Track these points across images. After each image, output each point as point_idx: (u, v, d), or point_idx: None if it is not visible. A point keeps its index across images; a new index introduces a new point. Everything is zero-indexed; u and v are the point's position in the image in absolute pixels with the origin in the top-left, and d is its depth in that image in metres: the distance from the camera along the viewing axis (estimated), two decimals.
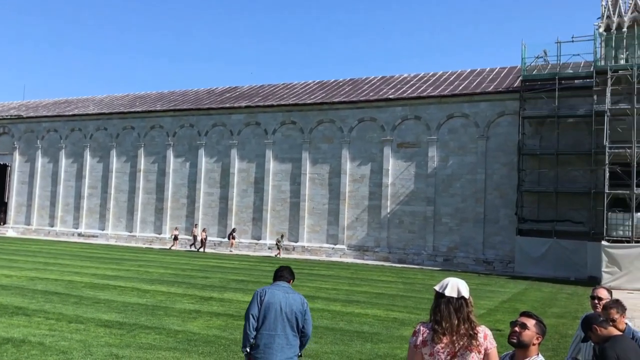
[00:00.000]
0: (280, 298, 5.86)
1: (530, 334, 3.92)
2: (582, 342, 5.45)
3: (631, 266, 24.84)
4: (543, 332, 3.99)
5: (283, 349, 5.79)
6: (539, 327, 3.96)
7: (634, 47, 28.50)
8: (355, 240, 35.87)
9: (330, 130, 37.40)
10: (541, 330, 3.97)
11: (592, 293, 6.02)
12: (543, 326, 4.00)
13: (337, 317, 13.97)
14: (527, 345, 3.93)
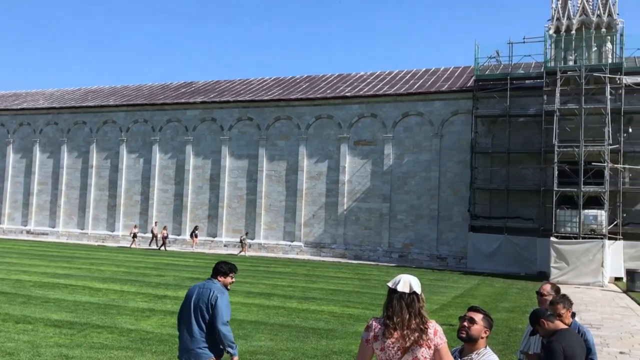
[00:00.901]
0: (195, 291, 6.02)
1: (478, 329, 4.02)
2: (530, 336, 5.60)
3: (578, 262, 25.68)
4: (491, 326, 4.10)
5: (186, 341, 5.90)
6: (486, 321, 4.06)
7: (582, 49, 29.44)
8: (312, 237, 35.95)
9: (287, 127, 37.34)
10: (489, 324, 4.08)
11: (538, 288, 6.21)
12: (490, 320, 4.11)
13: (292, 314, 13.99)
14: (475, 340, 4.03)
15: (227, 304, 5.92)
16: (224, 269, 6.12)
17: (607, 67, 28.12)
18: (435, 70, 38.87)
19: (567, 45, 29.97)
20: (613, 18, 29.16)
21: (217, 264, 6.23)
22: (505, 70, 32.35)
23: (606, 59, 29.21)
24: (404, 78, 38.21)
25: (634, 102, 28.78)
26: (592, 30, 29.27)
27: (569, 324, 5.24)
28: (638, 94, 28.78)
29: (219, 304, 5.85)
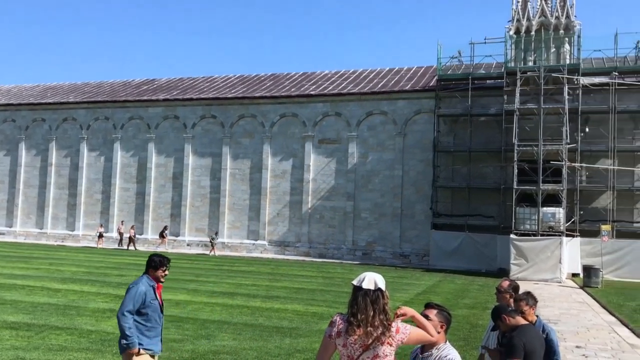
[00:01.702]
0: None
1: (433, 324, 4.07)
2: (491, 331, 5.68)
3: (537, 258, 26.28)
4: (447, 320, 4.16)
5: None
6: (440, 315, 4.13)
7: (541, 50, 30.11)
8: (276, 236, 35.88)
9: (252, 125, 37.16)
10: (444, 318, 4.15)
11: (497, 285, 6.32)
12: (446, 314, 4.17)
13: (256, 313, 13.95)
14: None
15: (134, 295, 5.92)
16: (155, 262, 6.13)
17: (565, 67, 28.84)
18: (398, 70, 39.21)
19: (527, 46, 30.60)
20: (571, 20, 29.90)
21: (149, 257, 6.25)
22: (467, 70, 32.85)
23: (564, 60, 29.94)
24: (368, 77, 38.44)
25: (590, 102, 29.58)
26: (551, 32, 29.96)
27: (533, 321, 5.33)
28: (595, 95, 29.58)
29: (126, 294, 5.96)
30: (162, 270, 6.12)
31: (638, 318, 15.67)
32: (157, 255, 6.24)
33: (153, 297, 6.02)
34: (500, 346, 5.05)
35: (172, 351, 9.73)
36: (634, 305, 18.38)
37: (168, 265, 6.21)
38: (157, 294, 6.09)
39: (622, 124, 29.21)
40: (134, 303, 5.89)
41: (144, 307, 5.94)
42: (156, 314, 6.03)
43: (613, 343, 12.11)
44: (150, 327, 6.01)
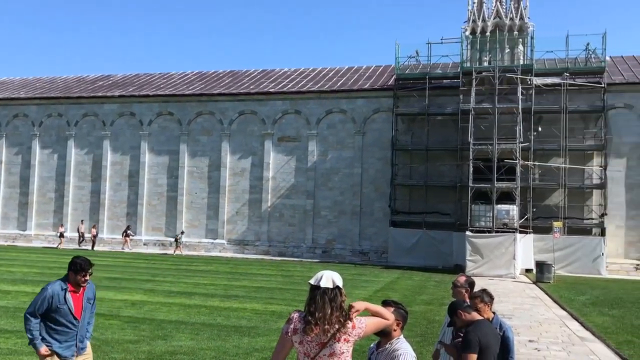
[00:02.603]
0: None
1: (390, 323, 4.12)
2: (448, 327, 5.75)
3: (491, 254, 26.85)
4: (403, 317, 4.21)
5: None
6: (397, 313, 4.18)
7: (495, 51, 30.76)
8: (235, 235, 35.64)
9: (210, 122, 36.79)
10: (400, 315, 4.19)
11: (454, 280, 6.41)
12: (403, 311, 4.22)
13: (214, 312, 13.84)
14: (388, 333, 4.14)
15: (38, 298, 5.80)
16: (76, 265, 5.90)
17: (518, 68, 29.55)
18: (357, 69, 39.43)
19: (482, 46, 31.20)
20: (524, 21, 30.64)
21: (72, 259, 6.02)
22: (424, 69, 33.27)
23: (518, 60, 30.66)
24: (327, 75, 38.53)
25: (543, 102, 30.37)
26: (506, 33, 30.64)
27: (490, 318, 5.41)
28: (547, 95, 30.39)
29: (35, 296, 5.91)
30: (82, 275, 5.86)
31: (588, 312, 16.18)
32: (79, 257, 5.98)
33: (62, 301, 5.79)
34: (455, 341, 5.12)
35: (128, 352, 9.56)
36: (583, 299, 18.97)
37: (90, 270, 5.94)
38: (68, 299, 5.83)
39: (573, 124, 30.09)
40: (37, 306, 5.75)
41: (51, 311, 5.76)
42: (66, 319, 5.81)
43: (564, 336, 12.47)
44: (60, 331, 5.82)
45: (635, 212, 29.65)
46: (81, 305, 5.96)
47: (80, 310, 5.95)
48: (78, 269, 5.87)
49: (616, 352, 10.99)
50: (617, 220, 29.71)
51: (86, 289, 6.02)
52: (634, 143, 30.02)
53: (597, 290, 21.63)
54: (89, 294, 6.06)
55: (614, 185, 29.87)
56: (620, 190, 29.92)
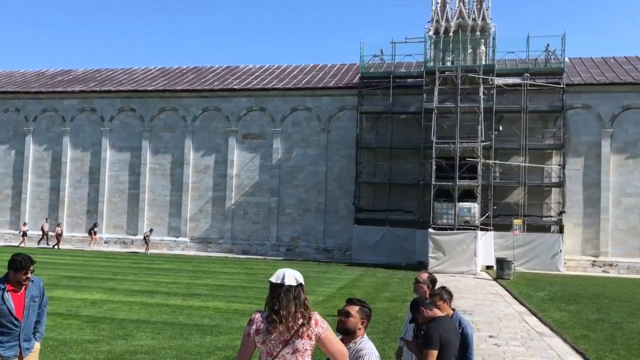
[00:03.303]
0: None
1: (354, 321, 4.14)
2: (409, 323, 5.81)
3: (453, 251, 27.25)
4: (368, 316, 4.23)
5: None
6: (362, 312, 4.19)
7: (458, 51, 31.20)
8: (198, 233, 35.29)
9: (173, 118, 36.32)
10: (365, 314, 4.21)
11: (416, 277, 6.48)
12: (367, 310, 4.24)
13: (176, 311, 13.67)
14: (353, 331, 4.15)
15: None
16: (16, 263, 5.67)
17: (480, 68, 30.04)
18: (323, 67, 39.46)
19: (445, 46, 31.60)
20: (487, 22, 31.14)
21: (11, 256, 5.80)
22: (388, 68, 33.51)
23: (480, 60, 31.15)
24: (292, 73, 38.45)
25: (504, 102, 30.93)
26: (468, 33, 31.09)
27: (449, 314, 5.48)
28: (508, 95, 30.96)
29: None
30: (22, 273, 5.62)
31: (546, 307, 16.56)
32: (19, 255, 5.73)
33: (0, 302, 5.61)
34: (417, 338, 5.18)
35: (87, 352, 9.38)
36: (542, 295, 19.41)
37: (32, 267, 5.70)
38: (7, 298, 5.63)
39: (533, 123, 30.73)
40: None
41: None
42: (6, 319, 5.62)
43: (523, 332, 12.74)
44: (1, 332, 5.64)
45: (591, 210, 30.47)
46: (23, 305, 5.73)
47: (22, 309, 5.73)
48: (18, 267, 5.63)
49: (573, 347, 11.27)
50: (574, 218, 30.48)
51: (29, 287, 5.78)
52: (591, 142, 30.83)
53: (555, 286, 22.16)
54: (33, 292, 5.81)
55: (572, 184, 30.64)
56: (577, 188, 30.70)
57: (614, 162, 30.49)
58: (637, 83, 30.82)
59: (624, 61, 34.94)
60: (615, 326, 13.67)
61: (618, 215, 30.24)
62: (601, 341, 11.86)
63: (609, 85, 31.06)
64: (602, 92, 31.10)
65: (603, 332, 12.93)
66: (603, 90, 31.09)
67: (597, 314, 15.45)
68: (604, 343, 11.68)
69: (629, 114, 30.64)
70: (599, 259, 30.06)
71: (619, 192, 30.34)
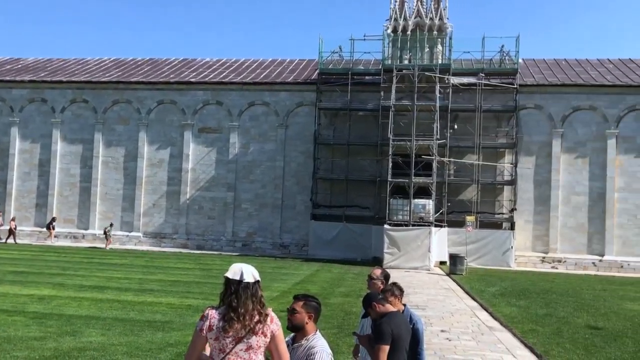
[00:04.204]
0: None
1: (300, 317, 4.09)
2: (362, 318, 5.82)
3: (408, 247, 27.57)
4: (315, 309, 4.17)
5: None
6: (307, 306, 4.15)
7: (415, 50, 31.54)
8: (152, 227, 34.68)
9: (127, 111, 35.55)
10: (311, 308, 4.16)
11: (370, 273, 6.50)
12: (314, 304, 4.18)
13: (127, 307, 13.40)
14: (301, 327, 4.11)
15: None
16: None
17: (437, 67, 30.45)
18: (281, 61, 39.27)
19: (403, 44, 31.90)
20: (444, 22, 31.57)
21: None
22: (347, 65, 33.60)
23: (437, 59, 31.57)
24: (250, 67, 38.15)
25: (459, 101, 31.45)
26: (426, 32, 31.46)
27: (400, 310, 5.52)
28: (463, 94, 31.48)
29: None
30: None
31: (497, 302, 16.93)
32: None
33: None
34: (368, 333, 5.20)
35: (32, 350, 9.08)
36: (493, 290, 19.84)
37: None
38: None
39: (487, 122, 31.35)
40: None
41: None
42: None
43: (474, 326, 12.98)
44: None
45: (542, 208, 31.31)
46: None
47: None
48: None
49: (521, 341, 11.55)
50: (525, 215, 31.27)
51: None
52: (542, 142, 31.65)
53: (506, 281, 22.68)
54: None
55: (523, 182, 31.41)
56: (529, 186, 31.49)
57: (563, 161, 31.39)
58: (586, 85, 31.79)
59: (575, 63, 36.00)
60: (562, 321, 14.08)
61: (567, 213, 31.17)
62: (548, 335, 12.19)
63: (560, 87, 31.95)
64: (553, 93, 31.98)
65: (550, 326, 13.30)
66: (554, 91, 31.97)
67: (546, 309, 15.88)
68: (551, 337, 12.00)
69: (579, 115, 31.59)
70: (548, 255, 30.94)
71: (568, 190, 31.27)
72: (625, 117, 31.15)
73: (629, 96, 31.24)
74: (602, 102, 31.36)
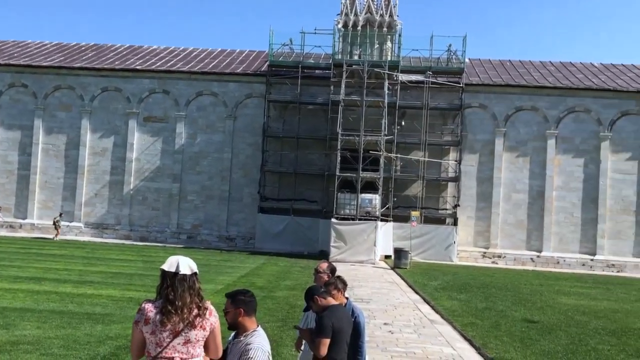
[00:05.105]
0: None
1: (231, 315, 4.00)
2: (304, 311, 5.82)
3: (354, 241, 27.84)
4: (244, 303, 4.03)
5: None
6: (236, 302, 4.03)
7: (365, 45, 31.77)
8: (93, 218, 33.74)
9: (69, 97, 34.39)
10: (241, 302, 4.03)
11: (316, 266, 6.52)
12: (241, 297, 4.05)
13: (66, 299, 13.00)
14: (236, 325, 4.03)
15: None
16: None
17: (386, 64, 30.77)
18: (231, 52, 38.82)
19: (353, 40, 32.08)
20: (394, 19, 31.90)
21: None
22: (297, 58, 33.53)
23: (386, 56, 31.91)
24: (199, 56, 37.53)
25: (407, 98, 31.90)
26: (376, 29, 31.72)
27: (343, 303, 5.54)
28: (411, 91, 31.94)
29: None
30: None
31: (438, 296, 17.30)
32: None
33: None
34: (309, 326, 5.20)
35: None
36: (435, 284, 20.27)
37: None
38: None
39: (433, 120, 31.91)
40: None
41: None
42: None
43: (416, 319, 13.23)
44: None
45: (484, 204, 32.16)
46: None
47: None
48: None
49: (461, 334, 11.84)
50: (468, 211, 32.06)
51: None
52: (486, 140, 32.48)
53: (448, 276, 23.21)
54: None
55: (467, 179, 32.18)
56: (472, 183, 32.28)
57: (505, 159, 32.31)
58: (529, 86, 32.79)
59: (518, 64, 37.06)
60: (501, 314, 14.51)
61: (507, 210, 32.13)
62: (487, 328, 12.54)
63: (504, 87, 32.83)
64: (497, 93, 32.84)
65: (489, 319, 13.68)
66: (498, 91, 32.83)
67: (485, 303, 16.34)
68: (489, 330, 12.35)
69: (521, 115, 32.57)
70: (488, 251, 31.84)
71: (509, 188, 32.23)
72: (565, 118, 32.32)
73: (569, 98, 32.41)
74: (543, 103, 32.43)
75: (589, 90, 32.41)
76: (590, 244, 31.57)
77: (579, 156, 32.06)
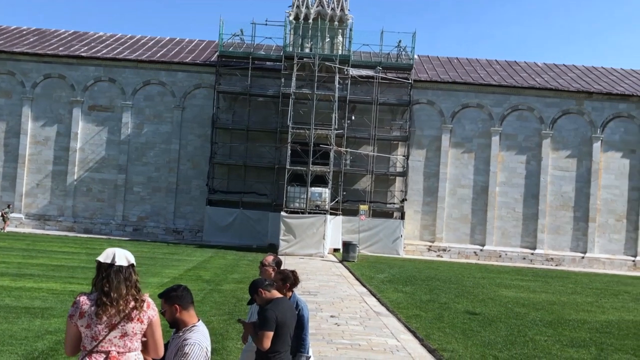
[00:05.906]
0: None
1: (168, 313, 3.95)
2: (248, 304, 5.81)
3: (304, 234, 27.91)
4: (178, 298, 3.96)
5: None
6: (169, 300, 3.96)
7: (317, 39, 31.79)
8: (35, 209, 32.65)
9: (9, 83, 33.08)
10: (174, 299, 3.96)
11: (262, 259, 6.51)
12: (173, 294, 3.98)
13: (3, 293, 12.56)
14: (175, 322, 3.98)
15: None
16: None
17: (337, 57, 30.90)
18: (180, 41, 38.12)
19: (304, 32, 32.04)
20: (345, 13, 32.02)
21: None
22: (248, 49, 33.27)
23: (337, 50, 32.03)
24: (146, 44, 36.72)
25: (357, 92, 32.15)
26: (327, 22, 31.78)
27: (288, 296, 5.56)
28: (361, 86, 32.20)
29: None
30: None
31: (385, 289, 17.57)
32: None
33: None
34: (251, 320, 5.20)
35: None
36: (382, 277, 20.57)
37: None
38: None
39: (382, 115, 32.28)
40: None
41: None
42: None
43: (362, 312, 13.39)
44: None
45: (430, 199, 32.80)
46: None
47: None
48: None
49: (405, 325, 12.07)
50: (415, 205, 32.63)
51: None
52: (433, 136, 33.09)
53: (395, 269, 23.58)
54: None
55: (414, 174, 32.73)
56: (419, 178, 32.86)
57: (451, 155, 33.02)
58: (475, 84, 33.56)
59: (465, 62, 37.87)
60: (444, 306, 14.86)
61: (453, 205, 32.87)
62: (431, 320, 12.83)
63: (451, 84, 33.50)
64: (444, 89, 33.48)
65: (433, 311, 14.00)
66: (446, 88, 33.48)
67: (429, 295, 16.70)
68: (433, 322, 12.64)
69: (467, 112, 33.32)
70: (434, 244, 32.53)
71: (455, 183, 32.96)
72: (509, 116, 33.25)
73: (513, 96, 33.35)
74: (488, 101, 33.27)
75: (532, 89, 33.45)
76: (530, 238, 32.67)
77: (522, 153, 33.07)
